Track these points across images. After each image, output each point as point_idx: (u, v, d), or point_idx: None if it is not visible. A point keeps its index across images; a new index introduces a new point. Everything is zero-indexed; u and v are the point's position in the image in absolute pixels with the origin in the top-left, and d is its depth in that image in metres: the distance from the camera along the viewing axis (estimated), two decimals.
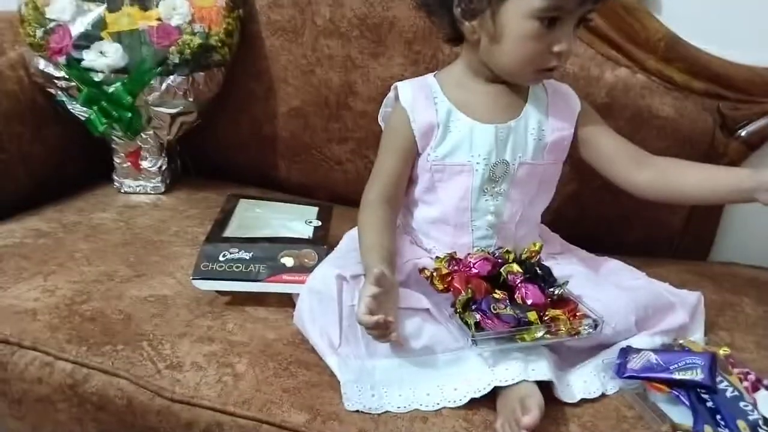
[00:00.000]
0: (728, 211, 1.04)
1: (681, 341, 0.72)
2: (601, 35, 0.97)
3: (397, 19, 1.00)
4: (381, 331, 0.64)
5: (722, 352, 0.71)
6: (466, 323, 0.67)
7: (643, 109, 0.97)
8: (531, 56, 0.72)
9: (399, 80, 0.82)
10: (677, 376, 0.65)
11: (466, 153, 0.77)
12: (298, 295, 0.75)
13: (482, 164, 0.77)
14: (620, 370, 0.68)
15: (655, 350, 0.69)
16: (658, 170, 0.79)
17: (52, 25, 0.98)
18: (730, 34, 0.96)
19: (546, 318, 0.68)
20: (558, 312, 0.68)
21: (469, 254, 0.75)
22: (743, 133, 0.97)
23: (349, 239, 0.84)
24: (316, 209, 0.96)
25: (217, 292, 0.80)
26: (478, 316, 0.67)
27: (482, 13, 0.72)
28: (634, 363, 0.68)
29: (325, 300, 0.70)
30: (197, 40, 0.98)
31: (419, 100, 0.78)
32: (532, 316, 0.67)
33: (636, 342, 0.71)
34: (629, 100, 0.97)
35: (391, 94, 0.82)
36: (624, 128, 0.97)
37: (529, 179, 0.79)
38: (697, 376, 0.65)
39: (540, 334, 0.67)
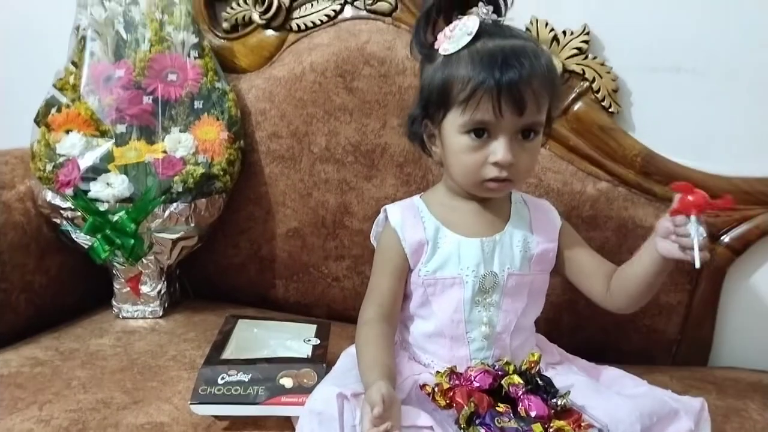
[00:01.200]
0: (723, 314, 1.05)
1: None
2: (580, 153, 1.03)
3: (388, 145, 1.07)
4: None
5: None
6: None
7: (627, 220, 1.01)
8: (470, 168, 0.76)
9: (392, 199, 0.87)
10: None
11: (455, 266, 0.79)
12: (297, 417, 0.73)
13: (471, 276, 0.79)
14: None
15: None
16: (613, 279, 0.81)
17: (61, 159, 1.03)
18: (702, 148, 1.01)
19: (551, 430, 0.67)
20: (563, 423, 0.67)
21: (469, 368, 0.75)
22: (726, 239, 1.00)
23: (347, 357, 0.84)
24: (314, 327, 0.96)
25: (214, 416, 0.78)
26: (483, 431, 0.66)
27: (436, 134, 0.80)
28: None
29: (326, 421, 0.69)
30: (200, 170, 1.03)
31: (408, 219, 0.82)
32: (537, 428, 0.66)
33: None
34: (613, 212, 1.01)
35: (381, 216, 0.85)
36: (611, 239, 1.01)
37: (518, 289, 0.81)
38: None
39: None
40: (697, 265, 0.67)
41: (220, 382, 0.78)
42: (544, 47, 0.95)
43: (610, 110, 1.02)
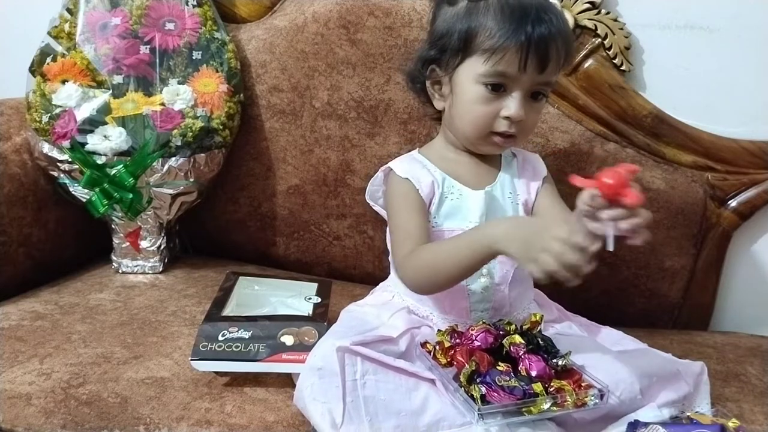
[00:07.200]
0: (726, 279, 1.05)
1: (689, 413, 0.71)
2: (589, 112, 1.01)
3: (392, 102, 1.04)
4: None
5: (732, 424, 0.69)
6: (471, 397, 0.66)
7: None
8: (481, 119, 0.77)
9: (396, 158, 0.85)
10: None
11: (461, 219, 0.80)
12: (298, 375, 0.73)
13: None
14: None
15: (663, 423, 0.68)
16: None
17: (58, 110, 1.01)
18: (713, 109, 1.00)
19: (551, 389, 0.67)
20: (562, 383, 0.67)
21: (470, 327, 0.75)
22: (734, 204, 0.99)
23: (347, 314, 0.84)
24: (315, 285, 0.95)
25: (215, 372, 0.79)
26: (483, 389, 0.66)
27: (444, 81, 0.79)
28: None
29: (326, 375, 0.68)
30: (199, 124, 1.01)
31: (416, 169, 0.81)
32: (538, 387, 0.67)
33: (643, 415, 0.70)
34: None
35: (379, 174, 0.85)
36: None
37: None
38: None
39: (546, 406, 0.66)
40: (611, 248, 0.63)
41: (220, 338, 0.78)
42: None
43: (621, 68, 0.99)
